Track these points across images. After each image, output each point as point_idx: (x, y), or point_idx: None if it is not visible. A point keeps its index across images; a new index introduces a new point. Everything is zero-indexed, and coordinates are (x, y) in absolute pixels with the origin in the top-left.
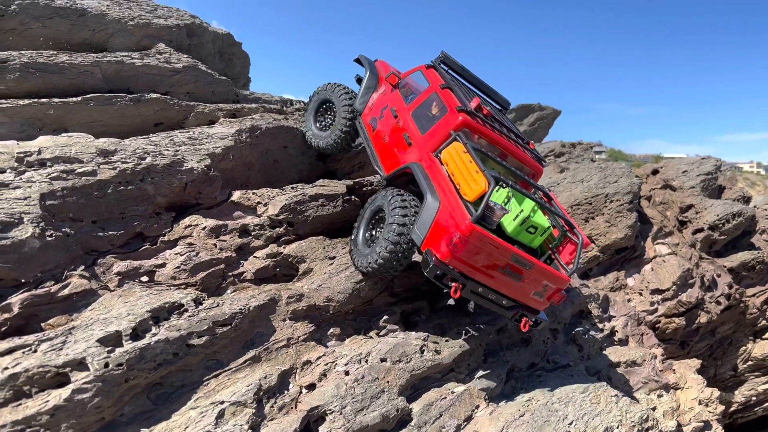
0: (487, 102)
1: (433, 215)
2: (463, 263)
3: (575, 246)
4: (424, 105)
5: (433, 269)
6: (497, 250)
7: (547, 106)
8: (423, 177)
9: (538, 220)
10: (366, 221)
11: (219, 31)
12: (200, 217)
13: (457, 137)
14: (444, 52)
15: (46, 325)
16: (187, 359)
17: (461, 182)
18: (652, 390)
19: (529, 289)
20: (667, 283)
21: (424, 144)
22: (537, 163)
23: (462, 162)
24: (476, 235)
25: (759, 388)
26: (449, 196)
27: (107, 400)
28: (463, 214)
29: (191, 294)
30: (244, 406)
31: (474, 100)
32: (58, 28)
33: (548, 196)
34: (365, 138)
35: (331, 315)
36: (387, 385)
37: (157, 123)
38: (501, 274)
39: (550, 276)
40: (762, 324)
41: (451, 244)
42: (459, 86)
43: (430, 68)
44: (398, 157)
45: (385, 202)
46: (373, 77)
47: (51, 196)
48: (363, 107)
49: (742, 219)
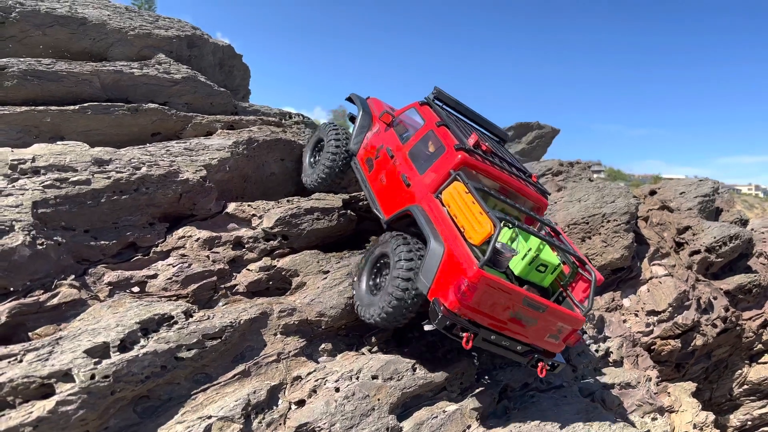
0: (485, 136)
1: (438, 262)
2: (473, 311)
3: (588, 283)
4: (420, 144)
5: (442, 320)
6: (508, 295)
7: (545, 125)
8: (425, 221)
9: (547, 257)
10: (369, 268)
11: (220, 42)
12: (194, 229)
13: (457, 177)
14: (437, 87)
15: (33, 335)
16: (175, 372)
17: (465, 225)
18: (647, 413)
19: (543, 332)
20: (663, 304)
21: (423, 185)
22: (541, 196)
23: (464, 203)
24: (485, 281)
25: (755, 412)
26: (454, 241)
27: (92, 412)
28: (470, 260)
29: (182, 306)
30: (232, 421)
31: (472, 137)
32: (59, 37)
33: (555, 231)
34: (362, 179)
35: (323, 330)
36: (378, 402)
37: (155, 133)
38: (513, 319)
39: (564, 317)
40: (758, 348)
41: (460, 293)
42: (455, 122)
43: (424, 105)
44: (397, 199)
45: (389, 251)
46: (366, 116)
47: (43, 204)
48: (358, 147)
49: (739, 242)
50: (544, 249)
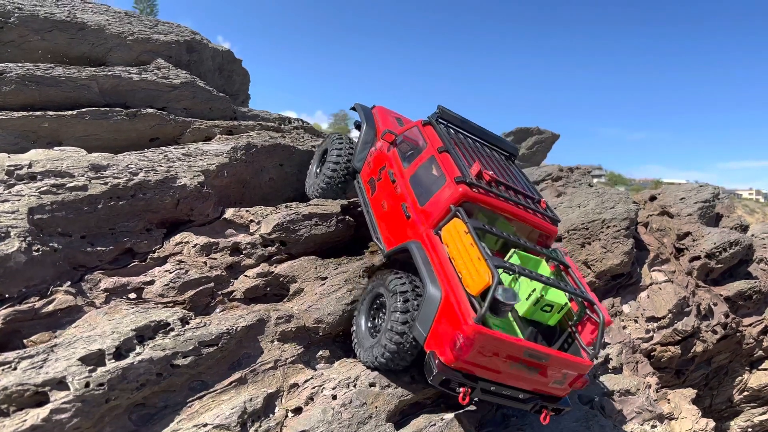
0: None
1: (434, 310)
2: (471, 364)
3: (596, 325)
4: (422, 170)
5: (437, 376)
6: (508, 347)
7: (545, 130)
8: (422, 261)
9: (553, 297)
10: (366, 308)
11: (219, 47)
12: (191, 234)
13: (457, 213)
14: (441, 106)
15: (28, 342)
16: (171, 380)
17: (463, 271)
18: (646, 420)
19: (547, 379)
20: (663, 310)
21: (423, 218)
22: (549, 224)
23: (463, 245)
24: (482, 337)
25: (755, 419)
26: (452, 287)
27: (87, 420)
28: (467, 312)
29: (178, 313)
30: (228, 429)
31: (474, 166)
32: (57, 42)
33: (565, 264)
34: (363, 201)
35: (321, 337)
36: (375, 410)
37: (153, 138)
38: (515, 369)
39: (569, 365)
40: (758, 354)
41: (456, 348)
42: (460, 144)
43: (427, 125)
44: (397, 231)
45: (385, 292)
46: (370, 130)
47: (39, 210)
48: (361, 165)
49: (739, 248)
50: (549, 289)
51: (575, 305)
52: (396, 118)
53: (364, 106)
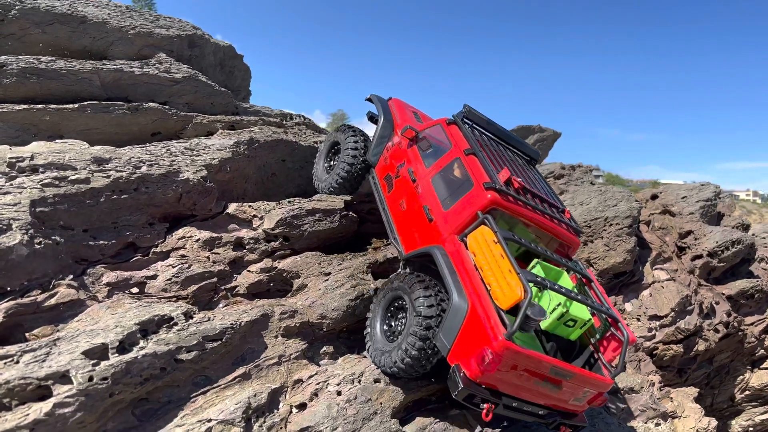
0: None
1: (460, 321)
2: (496, 380)
3: (619, 342)
4: (445, 171)
5: (462, 391)
6: (535, 364)
7: (547, 128)
8: (447, 269)
9: (578, 312)
10: (383, 310)
11: (221, 43)
12: (194, 229)
13: (485, 220)
14: (467, 106)
15: (30, 336)
16: (174, 374)
17: (492, 283)
18: (650, 418)
19: (568, 396)
20: (665, 309)
21: (447, 223)
22: (573, 235)
23: (492, 256)
24: (511, 353)
25: (756, 418)
26: (479, 298)
27: (90, 415)
28: (496, 326)
29: (182, 307)
30: (232, 424)
31: (504, 172)
32: (58, 35)
33: (587, 277)
34: (379, 198)
35: (325, 333)
36: (380, 406)
37: (155, 132)
38: (538, 386)
39: (591, 382)
40: (760, 353)
41: (483, 363)
42: (485, 146)
43: (452, 125)
44: (418, 233)
45: (407, 295)
46: (387, 125)
47: (42, 203)
48: (377, 159)
49: (741, 246)
50: (573, 303)
51: (597, 320)
52: (413, 112)
53: (381, 98)
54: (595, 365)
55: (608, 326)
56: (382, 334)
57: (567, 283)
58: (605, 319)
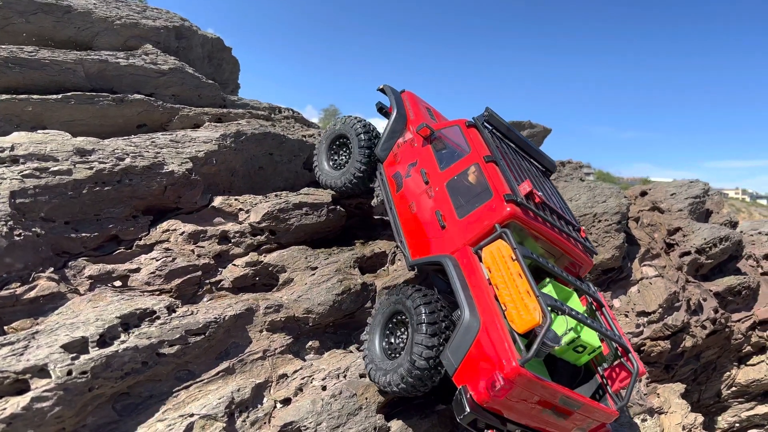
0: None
1: (471, 341)
2: (503, 405)
3: (628, 373)
4: (462, 177)
5: (468, 416)
6: (547, 393)
7: (537, 124)
8: (459, 282)
9: (588, 338)
10: (382, 325)
11: (209, 35)
12: (179, 222)
13: (503, 234)
14: (489, 109)
15: (9, 329)
16: (156, 369)
17: (508, 303)
18: (637, 414)
19: (572, 426)
20: (653, 305)
21: (461, 232)
22: (586, 255)
23: (509, 274)
24: (523, 380)
25: (742, 414)
26: (492, 318)
27: (69, 409)
28: (510, 351)
29: (164, 301)
30: (215, 419)
31: (525, 184)
32: (42, 25)
33: (598, 301)
34: (386, 196)
35: (311, 327)
36: (365, 401)
37: (140, 124)
38: (544, 414)
39: (598, 414)
40: (747, 350)
41: (493, 389)
42: (504, 154)
43: (472, 127)
44: (428, 240)
45: (408, 312)
46: (400, 119)
47: (22, 194)
48: (386, 154)
49: (729, 243)
50: (584, 328)
51: (606, 348)
52: (426, 108)
53: (394, 90)
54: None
55: (618, 356)
56: (382, 351)
57: (577, 305)
58: (616, 348)
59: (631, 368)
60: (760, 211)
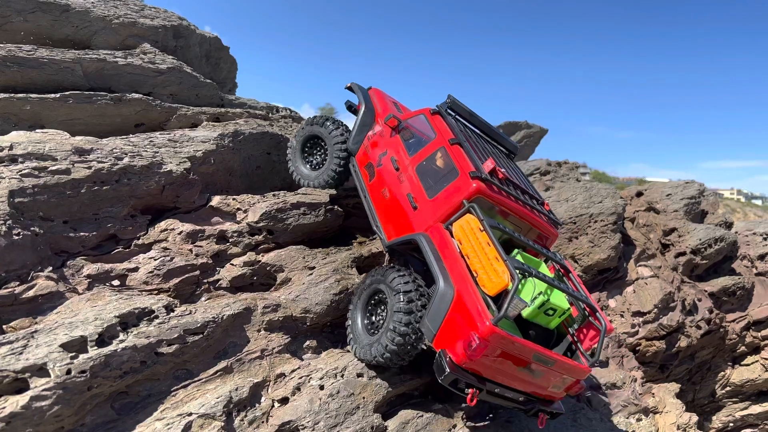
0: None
1: (446, 307)
2: (481, 365)
3: (597, 331)
4: (430, 160)
5: (449, 376)
6: (520, 350)
7: (534, 125)
8: (433, 255)
9: (557, 301)
10: (363, 304)
11: (206, 34)
12: (177, 221)
13: (471, 209)
14: (451, 96)
15: (8, 328)
16: (155, 368)
17: (479, 270)
18: (632, 413)
19: (548, 383)
20: (648, 305)
21: (432, 210)
22: (552, 227)
23: (478, 243)
24: (497, 339)
25: (737, 414)
26: (465, 285)
27: (68, 408)
28: (483, 312)
29: (163, 300)
30: (213, 418)
31: (488, 162)
32: (40, 23)
33: (565, 268)
34: (360, 187)
35: (308, 327)
36: (363, 401)
37: (138, 124)
38: (521, 372)
39: (571, 370)
40: (741, 350)
41: (470, 349)
42: (468, 137)
43: (436, 114)
44: (402, 221)
45: (387, 289)
46: (368, 113)
47: (21, 194)
48: (357, 148)
49: (723, 244)
50: (553, 292)
51: (575, 310)
52: (393, 102)
53: (361, 87)
54: (573, 354)
55: (586, 316)
56: (363, 328)
57: (546, 272)
58: (583, 308)
59: (599, 326)
60: (754, 212)
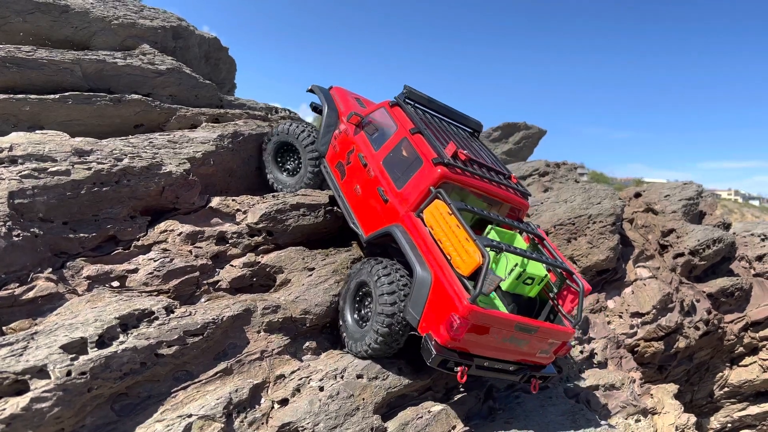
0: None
1: (426, 292)
2: (466, 342)
3: (576, 294)
4: (395, 153)
5: (436, 358)
6: (501, 323)
7: (532, 126)
8: (408, 245)
9: (534, 270)
10: (351, 299)
11: (206, 35)
12: (176, 223)
13: (438, 194)
14: (407, 86)
15: (7, 329)
16: (155, 369)
17: (452, 253)
18: (630, 414)
19: (535, 350)
20: (647, 306)
21: (402, 201)
22: (522, 198)
23: (448, 227)
24: (476, 315)
25: (735, 415)
26: (441, 269)
27: (68, 410)
28: (460, 292)
29: (162, 301)
30: (213, 420)
31: (449, 146)
32: (40, 24)
33: (539, 236)
34: (334, 186)
35: (308, 328)
36: (362, 402)
37: (138, 125)
38: (506, 343)
39: (555, 334)
40: (739, 351)
41: (452, 329)
42: (429, 124)
43: (395, 107)
44: (376, 215)
45: (369, 279)
46: (332, 113)
47: (20, 195)
48: (326, 148)
49: (722, 245)
50: (529, 262)
51: (553, 276)
52: (356, 98)
53: (322, 88)
54: (556, 317)
55: (564, 279)
56: (354, 323)
57: (521, 244)
58: (560, 273)
59: (576, 288)
60: (752, 212)
